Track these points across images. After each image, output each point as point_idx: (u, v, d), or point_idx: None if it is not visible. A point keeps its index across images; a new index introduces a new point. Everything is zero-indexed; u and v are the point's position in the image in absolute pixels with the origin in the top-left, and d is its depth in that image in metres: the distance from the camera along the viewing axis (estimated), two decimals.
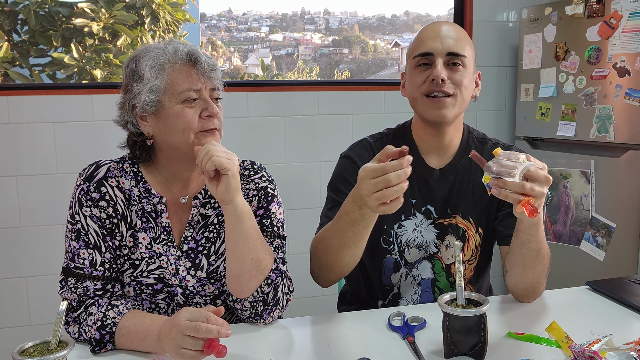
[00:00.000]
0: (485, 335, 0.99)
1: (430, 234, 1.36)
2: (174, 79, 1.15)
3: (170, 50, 1.16)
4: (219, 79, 1.20)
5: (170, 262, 1.20)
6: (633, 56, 2.22)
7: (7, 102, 2.36)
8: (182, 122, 1.14)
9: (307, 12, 5.87)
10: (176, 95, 1.14)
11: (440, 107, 1.28)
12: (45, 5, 3.89)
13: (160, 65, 1.15)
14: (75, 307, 1.14)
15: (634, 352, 0.96)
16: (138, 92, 1.16)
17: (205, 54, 1.18)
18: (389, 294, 1.40)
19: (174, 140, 1.16)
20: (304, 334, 1.15)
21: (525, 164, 1.03)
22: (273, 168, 1.43)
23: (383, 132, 1.45)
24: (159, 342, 1.02)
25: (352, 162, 1.37)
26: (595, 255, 2.41)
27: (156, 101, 1.15)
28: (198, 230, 1.23)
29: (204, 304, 1.23)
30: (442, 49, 1.28)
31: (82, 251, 1.16)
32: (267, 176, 1.29)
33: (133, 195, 1.21)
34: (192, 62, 1.15)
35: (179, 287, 1.21)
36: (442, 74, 1.26)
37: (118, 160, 1.24)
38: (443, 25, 1.32)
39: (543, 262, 1.21)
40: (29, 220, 2.43)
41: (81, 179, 1.20)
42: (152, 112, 1.17)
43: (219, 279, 1.22)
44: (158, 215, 1.21)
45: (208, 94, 1.17)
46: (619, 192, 2.31)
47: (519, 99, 2.84)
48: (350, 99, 2.77)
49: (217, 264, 1.22)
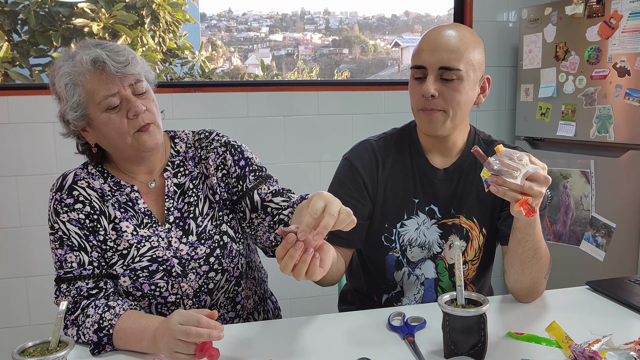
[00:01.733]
0: (485, 335, 0.99)
1: (433, 234, 1.36)
2: (89, 89, 1.13)
3: (77, 61, 1.14)
4: (136, 70, 1.16)
5: (162, 237, 1.23)
6: (633, 56, 2.22)
7: (7, 102, 2.36)
8: (111, 130, 1.15)
9: (307, 12, 5.87)
10: (97, 105, 1.14)
11: (432, 120, 1.27)
12: (45, 5, 3.88)
13: (71, 81, 1.14)
14: (71, 310, 1.14)
15: (634, 352, 0.96)
16: (64, 111, 1.17)
17: (114, 50, 1.14)
18: (392, 290, 1.41)
19: (115, 145, 1.18)
20: (304, 334, 1.15)
21: (529, 167, 1.02)
22: (273, 168, 1.44)
23: (388, 131, 1.45)
24: (155, 344, 1.02)
25: (351, 165, 1.37)
26: (595, 255, 2.41)
27: (82, 115, 1.16)
28: (177, 199, 1.26)
29: (199, 267, 1.23)
30: (434, 63, 1.24)
31: (68, 255, 1.18)
32: (221, 133, 1.33)
33: (105, 192, 1.23)
34: (98, 67, 1.12)
35: (174, 257, 1.22)
36: (431, 90, 1.23)
37: (82, 167, 1.27)
38: (444, 32, 1.26)
39: (540, 262, 1.21)
40: (29, 220, 2.43)
41: (52, 192, 1.23)
42: (83, 126, 1.18)
43: (208, 237, 1.25)
44: (134, 203, 1.24)
45: (130, 91, 1.15)
46: (619, 192, 2.30)
47: (519, 99, 2.84)
48: (350, 99, 2.77)
49: (204, 223, 1.26)
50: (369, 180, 1.36)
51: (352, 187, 1.35)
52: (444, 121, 1.27)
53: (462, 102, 1.26)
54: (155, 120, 1.19)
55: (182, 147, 1.32)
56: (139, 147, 1.17)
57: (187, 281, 1.23)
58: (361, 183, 1.35)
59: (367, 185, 1.35)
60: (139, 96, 1.17)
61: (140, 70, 1.19)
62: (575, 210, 2.50)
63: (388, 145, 1.40)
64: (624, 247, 2.29)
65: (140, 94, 1.17)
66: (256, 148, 2.67)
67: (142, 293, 1.20)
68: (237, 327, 1.19)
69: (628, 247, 2.28)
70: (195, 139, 1.32)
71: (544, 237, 1.21)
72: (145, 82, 1.19)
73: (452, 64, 1.23)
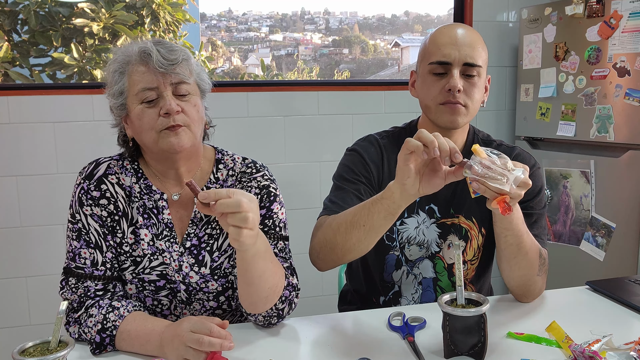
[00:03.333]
0: (485, 335, 0.99)
1: (432, 233, 1.36)
2: (132, 80, 1.13)
3: (128, 51, 1.14)
4: (184, 72, 1.14)
5: (174, 258, 1.20)
6: (633, 56, 2.22)
7: (7, 102, 2.36)
8: (144, 123, 1.13)
9: (307, 12, 5.87)
10: (135, 96, 1.13)
11: (454, 113, 1.28)
12: (45, 5, 3.88)
13: (120, 69, 1.15)
14: (76, 308, 1.13)
15: (634, 352, 0.96)
16: (107, 96, 1.17)
17: (168, 48, 1.13)
18: (389, 291, 1.41)
19: (144, 140, 1.16)
20: (304, 334, 1.15)
21: (516, 172, 0.99)
22: (273, 168, 1.43)
23: (389, 129, 1.45)
24: (160, 348, 1.02)
25: (359, 155, 1.37)
26: (595, 255, 2.41)
27: (122, 104, 1.15)
28: (201, 227, 1.23)
29: (206, 301, 1.22)
30: (459, 58, 1.26)
31: (83, 251, 1.16)
32: (269, 175, 1.28)
33: (134, 192, 1.21)
34: (144, 60, 1.12)
35: (182, 283, 1.20)
36: (459, 85, 1.25)
37: (117, 158, 1.24)
38: (459, 29, 1.29)
39: (527, 257, 1.20)
40: (29, 220, 2.43)
41: (81, 178, 1.20)
42: (123, 115, 1.17)
43: (222, 275, 1.22)
44: (160, 211, 1.21)
45: (170, 90, 1.13)
46: (619, 192, 2.31)
47: (519, 99, 2.84)
48: (350, 99, 2.77)
49: (220, 260, 1.22)
50: (375, 172, 1.35)
51: (361, 173, 1.34)
52: (465, 113, 1.29)
53: (478, 99, 1.31)
54: (189, 124, 1.14)
55: (223, 174, 1.26)
56: (163, 146, 1.13)
57: (190, 309, 1.22)
58: (369, 171, 1.34)
59: (374, 176, 1.35)
60: (179, 97, 1.14)
61: (190, 74, 1.16)
62: (575, 210, 2.50)
63: (391, 143, 1.40)
64: (624, 247, 2.29)
65: (181, 95, 1.14)
66: (256, 148, 2.69)
67: (144, 305, 1.20)
68: (237, 327, 1.19)
69: (628, 247, 2.28)
70: (241, 170, 1.26)
71: (544, 237, 1.21)
72: (190, 86, 1.16)
73: (475, 60, 1.27)
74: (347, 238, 1.16)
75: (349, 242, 1.16)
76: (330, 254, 1.22)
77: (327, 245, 1.21)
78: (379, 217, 1.11)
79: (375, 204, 1.10)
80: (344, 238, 1.16)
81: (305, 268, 1.39)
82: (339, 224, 1.18)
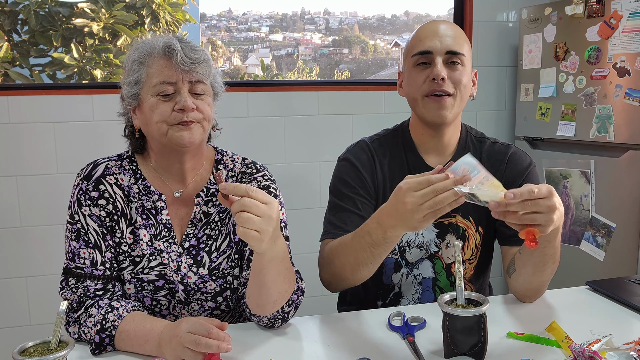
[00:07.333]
0: (485, 335, 0.99)
1: (430, 234, 1.36)
2: (151, 72, 1.14)
3: (152, 43, 1.16)
4: (203, 72, 1.16)
5: (172, 258, 1.20)
6: (633, 56, 2.22)
7: (7, 102, 2.36)
8: (156, 115, 1.13)
9: (307, 12, 5.87)
10: (151, 88, 1.14)
11: (441, 107, 1.28)
12: (45, 5, 3.89)
13: (140, 59, 1.15)
14: (76, 308, 1.13)
15: (634, 352, 0.96)
16: (122, 84, 1.18)
17: (190, 47, 1.15)
18: (389, 294, 1.41)
19: (152, 133, 1.16)
20: (304, 334, 1.15)
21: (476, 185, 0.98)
22: (273, 168, 1.44)
23: (380, 132, 1.45)
24: (159, 348, 1.02)
25: (350, 164, 1.37)
26: (595, 255, 2.41)
27: (135, 94, 1.16)
28: (200, 228, 1.23)
29: (205, 301, 1.22)
30: (441, 48, 1.28)
31: (82, 251, 1.16)
32: (269, 175, 1.29)
33: (132, 192, 1.21)
34: (167, 54, 1.13)
35: (180, 283, 1.20)
36: (442, 73, 1.27)
37: (116, 158, 1.24)
38: (441, 24, 1.32)
39: (554, 266, 1.22)
40: (29, 220, 2.43)
41: (79, 179, 1.20)
42: (134, 105, 1.18)
43: (221, 276, 1.22)
44: (158, 212, 1.21)
45: (187, 87, 1.14)
46: (619, 192, 2.31)
47: (519, 99, 2.84)
48: (350, 99, 2.77)
49: (218, 260, 1.22)
50: (370, 179, 1.36)
51: (356, 184, 1.35)
52: (452, 105, 1.29)
53: (466, 85, 1.31)
54: (201, 121, 1.16)
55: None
56: (173, 138, 1.13)
57: (188, 309, 1.22)
58: (364, 181, 1.35)
59: (369, 184, 1.36)
60: (195, 95, 1.15)
61: (208, 75, 1.17)
62: (575, 210, 2.50)
63: (383, 146, 1.40)
64: (624, 247, 2.29)
65: (197, 94, 1.16)
66: (256, 148, 2.69)
67: (142, 305, 1.20)
68: (237, 327, 1.19)
69: (628, 247, 2.28)
70: (241, 170, 1.27)
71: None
72: (206, 87, 1.17)
73: (457, 48, 1.29)
74: (356, 273, 1.20)
75: (359, 275, 1.21)
76: (341, 284, 1.28)
77: (336, 277, 1.26)
78: (385, 253, 1.15)
79: (377, 247, 1.12)
80: (352, 273, 1.21)
81: (304, 268, 1.38)
82: (343, 265, 1.21)
